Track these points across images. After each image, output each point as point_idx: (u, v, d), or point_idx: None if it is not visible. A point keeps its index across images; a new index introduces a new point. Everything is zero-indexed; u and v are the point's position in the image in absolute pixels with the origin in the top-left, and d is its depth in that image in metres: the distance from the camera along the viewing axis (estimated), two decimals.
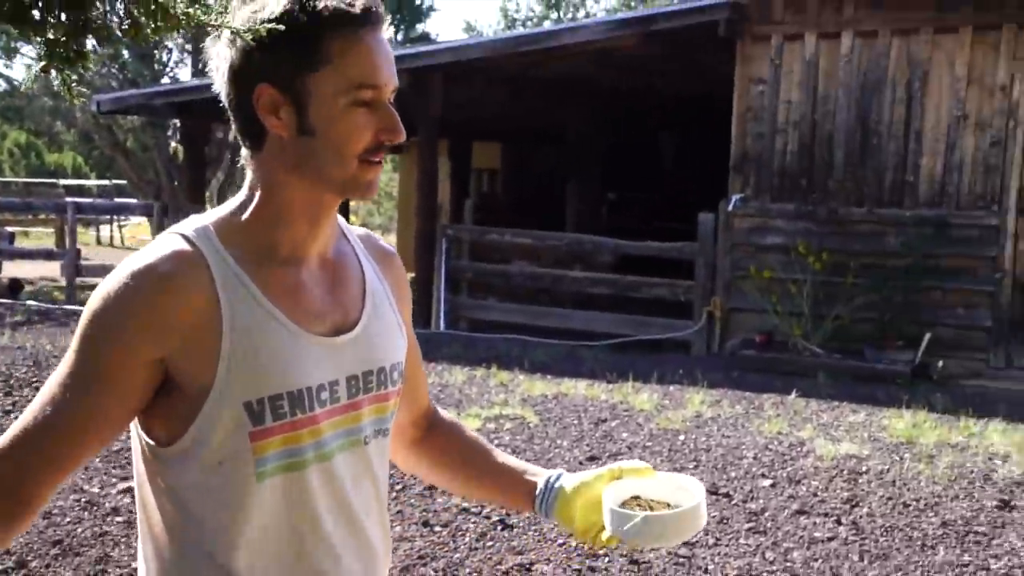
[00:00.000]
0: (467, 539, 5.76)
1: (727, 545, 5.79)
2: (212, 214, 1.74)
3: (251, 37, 1.61)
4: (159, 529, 1.75)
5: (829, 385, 10.14)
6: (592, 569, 5.39)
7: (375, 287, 1.90)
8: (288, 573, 1.75)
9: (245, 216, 1.72)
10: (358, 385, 1.81)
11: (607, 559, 5.51)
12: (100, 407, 1.64)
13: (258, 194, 1.73)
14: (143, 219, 23.91)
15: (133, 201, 21.36)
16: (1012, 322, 11.20)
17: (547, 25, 31.74)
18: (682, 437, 8.03)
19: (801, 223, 11.90)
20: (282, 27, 1.59)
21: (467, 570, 5.37)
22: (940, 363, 10.71)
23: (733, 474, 7.10)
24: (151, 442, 1.72)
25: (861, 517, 6.30)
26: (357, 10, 1.64)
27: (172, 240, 1.68)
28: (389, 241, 24.47)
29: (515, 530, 5.91)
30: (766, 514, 6.30)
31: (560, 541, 5.73)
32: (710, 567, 5.46)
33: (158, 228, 17.39)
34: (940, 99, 11.53)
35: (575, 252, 14.40)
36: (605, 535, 1.93)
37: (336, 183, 1.70)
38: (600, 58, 13.73)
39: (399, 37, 31.39)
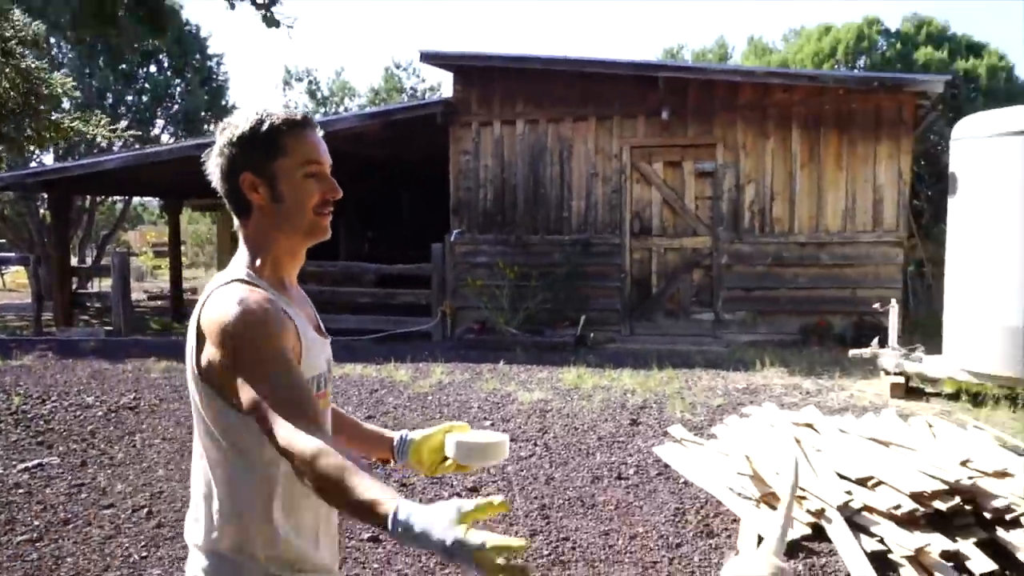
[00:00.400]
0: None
1: None
2: (240, 267, 1.80)
3: (229, 147, 1.78)
4: (240, 478, 1.74)
5: (524, 355, 10.35)
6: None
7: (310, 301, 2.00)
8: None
9: (258, 264, 1.80)
10: (328, 371, 1.91)
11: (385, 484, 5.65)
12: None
13: (258, 249, 1.81)
14: (20, 267, 22.26)
15: (12, 255, 19.83)
16: (631, 306, 11.98)
17: (317, 118, 31.28)
18: (430, 397, 8.19)
19: (499, 247, 12.32)
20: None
21: None
22: (591, 335, 11.23)
23: (465, 419, 7.33)
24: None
25: (549, 439, 6.65)
26: (299, 117, 1.81)
27: (245, 284, 1.75)
28: (212, 275, 23.60)
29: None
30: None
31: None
32: (455, 483, 5.70)
33: (34, 274, 16.26)
34: (581, 163, 12.22)
35: (348, 274, 14.38)
36: (446, 463, 2.04)
37: (303, 231, 1.81)
38: (356, 139, 13.79)
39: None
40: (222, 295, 1.72)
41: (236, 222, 1.85)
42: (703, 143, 11.72)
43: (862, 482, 4.85)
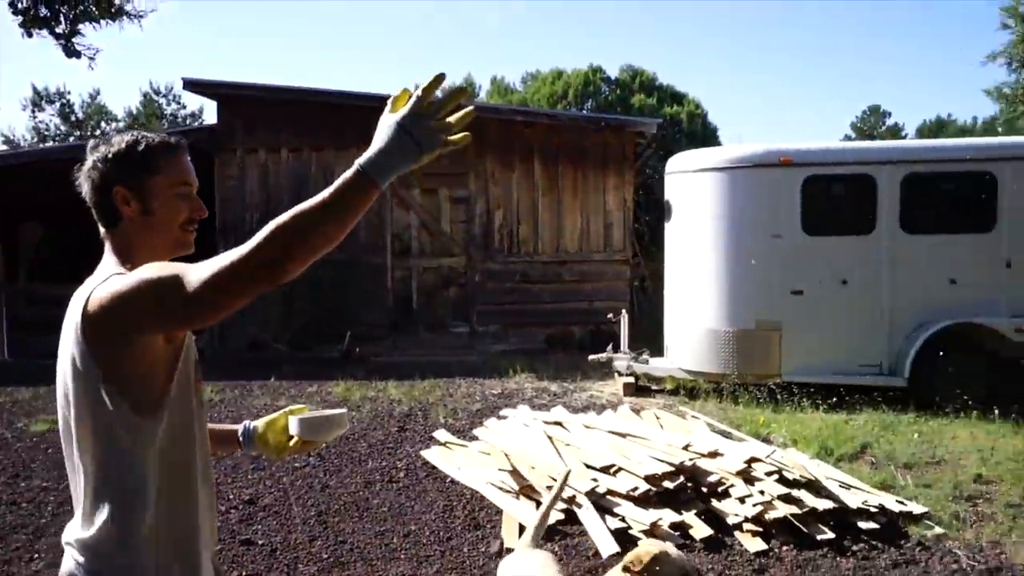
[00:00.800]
0: (49, 508, 5.27)
1: (240, 481, 5.79)
2: (110, 268, 1.71)
3: (103, 162, 1.76)
4: (144, 477, 1.65)
5: (293, 371, 9.96)
6: None
7: None
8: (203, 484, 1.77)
9: (126, 271, 1.67)
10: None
11: None
12: None
13: (121, 255, 1.75)
14: None
15: None
16: (396, 322, 11.99)
17: (71, 140, 28.67)
18: None
19: None
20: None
21: (52, 531, 4.93)
22: (358, 350, 11.05)
23: None
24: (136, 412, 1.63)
25: (323, 450, 6.41)
26: (173, 141, 1.81)
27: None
28: None
29: None
30: (263, 457, 6.32)
31: None
32: (231, 496, 5.44)
33: None
34: None
35: None
36: (292, 442, 2.04)
37: (170, 245, 1.79)
38: None
39: None
40: (106, 285, 1.62)
41: (103, 231, 1.80)
42: (456, 172, 11.98)
43: (606, 470, 5.17)
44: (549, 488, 5.03)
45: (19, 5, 3.88)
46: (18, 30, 3.96)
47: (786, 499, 4.77)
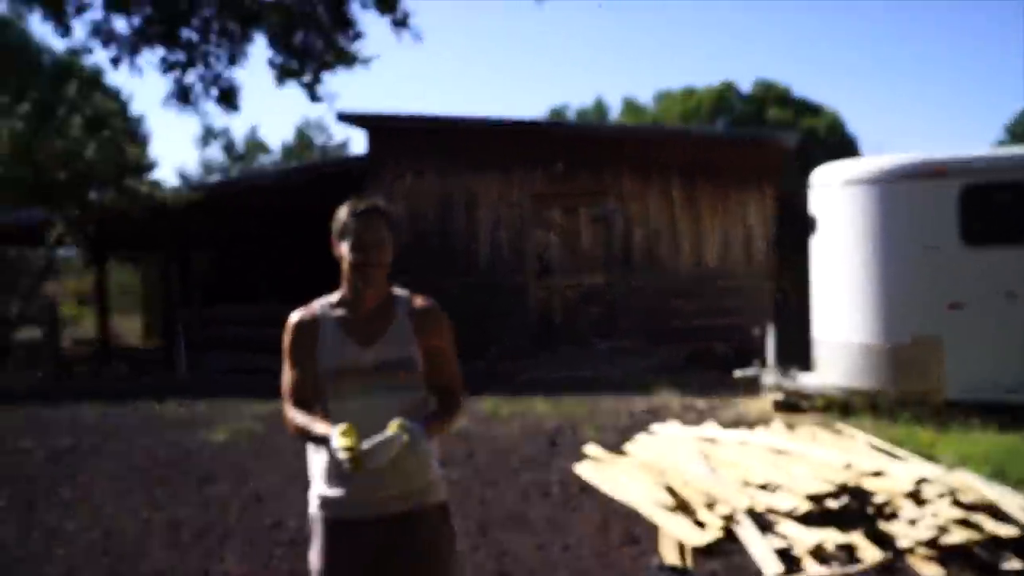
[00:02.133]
0: (234, 512, 5.56)
1: None
2: (331, 296, 2.52)
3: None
4: None
5: None
6: None
7: (397, 325, 2.50)
8: None
9: (339, 292, 2.52)
10: (373, 370, 2.41)
11: None
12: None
13: (344, 286, 2.51)
14: None
15: None
16: (538, 340, 12.05)
17: (234, 174, 30.56)
18: None
19: (413, 289, 12.12)
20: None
21: (239, 532, 5.17)
22: (502, 367, 11.14)
23: None
24: None
25: (477, 463, 6.60)
26: (359, 209, 2.45)
27: (303, 308, 2.50)
28: (134, 323, 22.22)
29: (265, 501, 5.78)
30: None
31: (298, 504, 5.67)
32: None
33: None
34: (486, 211, 12.32)
35: (271, 316, 13.92)
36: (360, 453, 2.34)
37: (348, 279, 2.49)
38: (281, 193, 13.58)
39: None
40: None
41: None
42: (595, 191, 12.00)
43: (764, 487, 4.99)
44: (707, 505, 4.92)
45: (274, 61, 4.33)
46: (273, 81, 4.46)
47: (962, 523, 4.46)
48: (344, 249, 2.44)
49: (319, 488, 2.45)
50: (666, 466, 5.59)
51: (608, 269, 12.00)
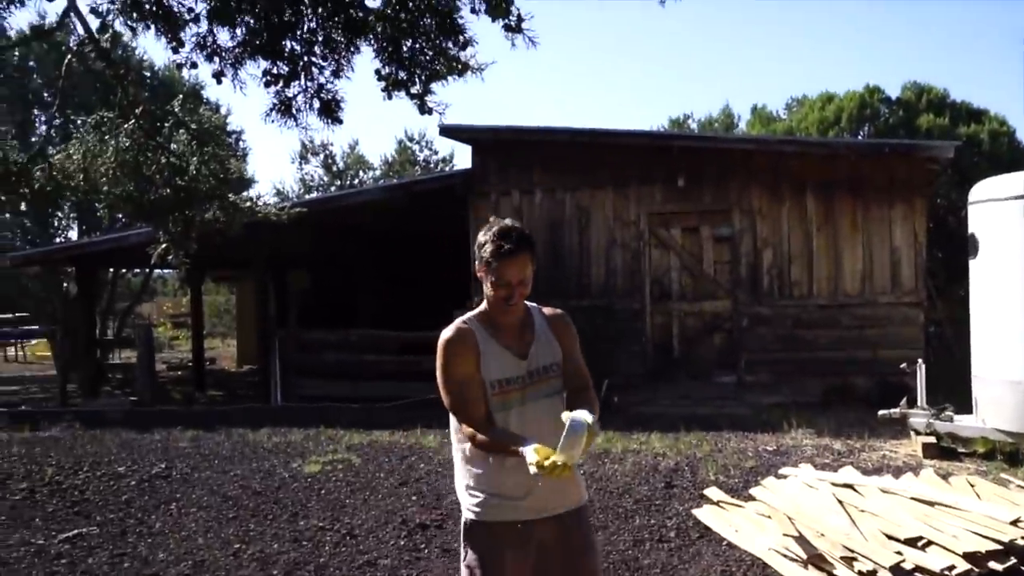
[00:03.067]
0: (326, 548, 5.70)
1: None
2: (477, 310, 2.88)
3: (478, 244, 2.80)
4: (466, 447, 2.83)
5: None
6: (417, 558, 5.47)
7: (540, 334, 2.92)
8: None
9: (480, 312, 2.88)
10: (527, 377, 2.84)
11: (426, 550, 5.58)
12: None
13: (485, 303, 2.85)
14: (41, 339, 22.34)
15: (36, 327, 19.93)
16: (655, 370, 11.91)
17: (333, 190, 31.60)
18: None
19: None
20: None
21: (331, 570, 5.32)
22: (616, 399, 11.05)
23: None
24: None
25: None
26: (505, 249, 2.74)
27: (457, 324, 2.84)
28: (231, 346, 23.18)
29: (359, 538, 5.92)
30: None
31: (392, 542, 5.78)
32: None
33: (59, 347, 16.32)
34: (599, 231, 12.31)
35: (369, 342, 14.27)
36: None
37: (492, 307, 2.85)
38: (380, 209, 13.94)
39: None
40: (447, 328, 2.84)
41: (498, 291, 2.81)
42: (719, 208, 11.81)
43: (912, 543, 4.76)
44: (844, 560, 4.73)
45: (382, 72, 4.51)
46: (380, 94, 4.63)
47: None
48: (488, 282, 2.78)
49: (488, 492, 2.81)
50: (798, 514, 5.41)
51: (733, 294, 11.76)
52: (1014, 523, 4.76)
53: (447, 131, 13.13)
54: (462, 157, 34.29)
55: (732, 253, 11.80)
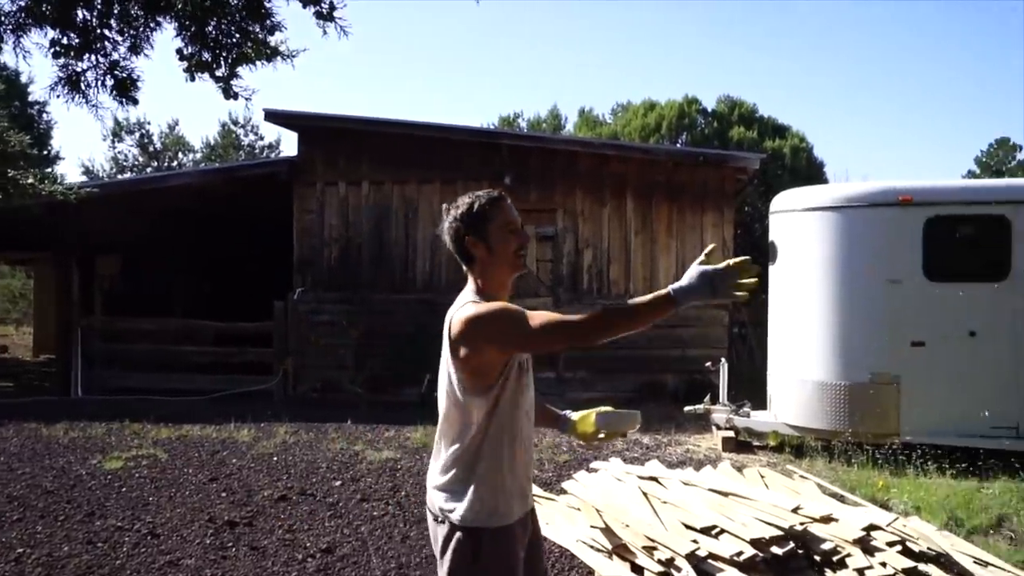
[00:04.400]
0: (124, 549, 5.44)
1: (317, 528, 5.88)
2: (469, 295, 2.63)
3: (455, 221, 2.63)
4: (478, 439, 2.56)
5: (369, 414, 10.15)
6: (223, 557, 5.31)
7: None
8: (522, 443, 2.65)
9: (479, 293, 2.61)
10: (527, 359, 2.68)
11: (233, 548, 5.42)
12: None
13: (479, 284, 2.63)
14: None
15: None
16: None
17: (149, 171, 29.97)
18: (275, 458, 7.92)
19: (344, 306, 12.15)
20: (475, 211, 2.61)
21: (128, 572, 5.06)
22: (435, 393, 11.11)
23: (314, 479, 7.15)
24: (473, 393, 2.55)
25: (402, 498, 6.58)
26: (496, 193, 2.65)
27: (476, 303, 2.55)
28: (27, 334, 21.49)
29: (161, 537, 5.67)
30: (340, 504, 6.45)
31: (197, 541, 5.58)
32: (308, 544, 5.54)
33: None
34: (426, 225, 12.31)
35: (185, 332, 13.68)
36: (597, 431, 2.82)
37: (508, 270, 2.64)
38: (197, 194, 13.37)
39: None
40: (464, 310, 2.54)
41: (465, 270, 2.69)
42: (544, 208, 12.07)
43: (707, 531, 5.06)
44: (645, 549, 4.96)
45: (184, 52, 4.21)
46: (183, 75, 4.31)
47: (911, 573, 4.58)
48: (492, 241, 2.61)
49: (502, 492, 2.59)
50: (605, 507, 5.62)
51: (554, 292, 12.07)
52: (795, 510, 5.14)
53: (273, 116, 12.75)
54: (289, 144, 33.40)
55: (555, 252, 12.11)
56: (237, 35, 4.21)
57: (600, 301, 11.91)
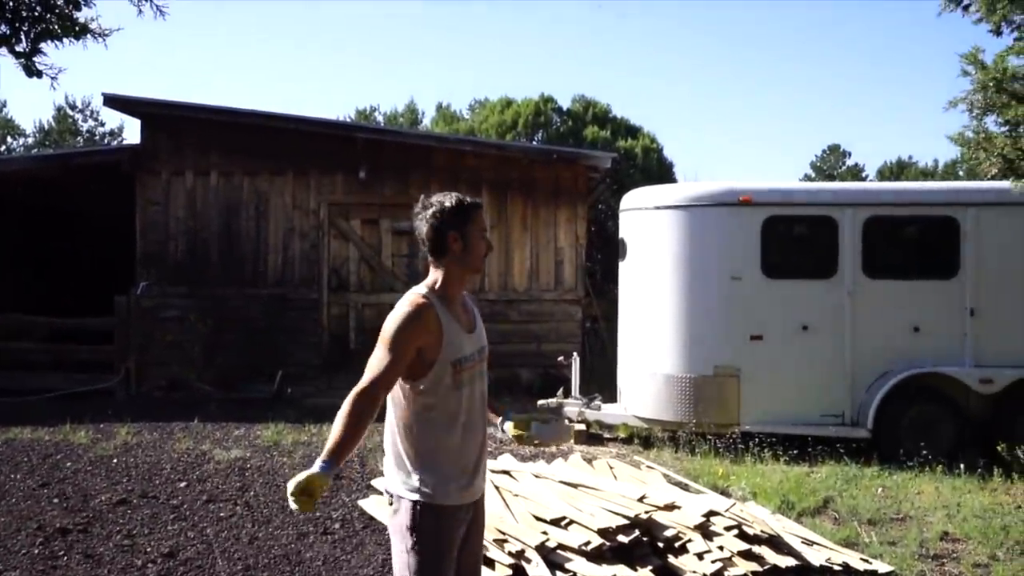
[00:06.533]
0: None
1: (159, 532, 5.65)
2: (424, 285, 2.92)
3: (440, 214, 2.89)
4: (412, 426, 2.85)
5: (219, 412, 9.75)
6: (53, 567, 5.02)
7: (475, 313, 3.06)
8: (460, 432, 2.89)
9: (437, 286, 2.91)
10: (477, 355, 2.94)
11: (65, 557, 5.14)
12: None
13: (441, 276, 2.92)
14: None
15: None
16: (331, 362, 11.83)
17: None
18: (115, 460, 7.53)
19: (191, 301, 11.68)
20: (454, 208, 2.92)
21: None
22: (289, 390, 10.89)
23: (157, 481, 6.86)
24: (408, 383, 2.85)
25: (250, 498, 6.40)
26: (479, 202, 2.99)
27: (420, 296, 2.86)
28: None
29: None
30: (184, 506, 6.22)
31: (24, 551, 5.25)
32: (148, 549, 5.32)
33: None
34: (278, 218, 12.01)
35: (16, 327, 12.74)
36: (532, 437, 3.32)
37: (476, 268, 2.98)
38: (29, 182, 12.55)
39: None
40: (406, 296, 2.88)
41: (430, 257, 2.95)
42: (399, 202, 11.95)
43: (556, 522, 5.16)
44: (496, 542, 5.02)
45: None
46: None
47: (746, 555, 4.83)
48: (464, 243, 2.89)
49: (444, 474, 2.84)
50: None
51: (410, 287, 12.00)
52: (641, 499, 5.32)
53: (113, 102, 12.12)
54: (132, 132, 31.82)
55: (410, 247, 12.04)
56: (38, 8, 3.94)
57: None
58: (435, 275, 2.93)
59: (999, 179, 4.77)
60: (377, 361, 2.77)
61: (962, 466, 7.27)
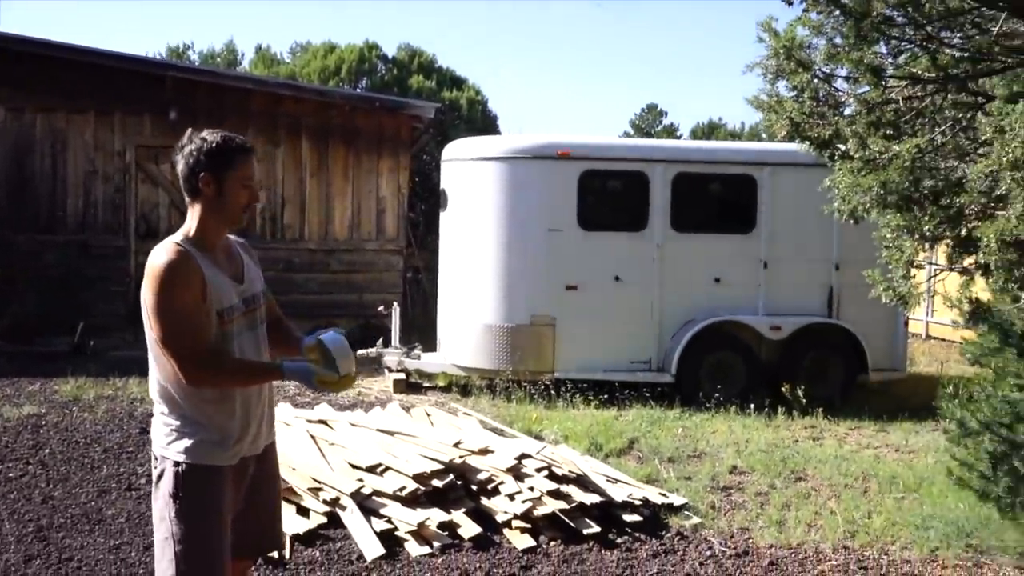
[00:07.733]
0: None
1: None
2: (180, 233, 2.67)
3: (197, 152, 2.61)
4: (179, 381, 2.59)
5: (10, 367, 9.04)
6: None
7: (245, 260, 2.82)
8: None
9: (192, 233, 2.67)
10: (245, 304, 2.74)
11: None
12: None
13: (196, 222, 2.67)
14: None
15: None
16: (137, 311, 11.17)
17: None
18: None
19: None
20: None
21: None
22: (91, 343, 10.30)
23: None
24: None
25: (45, 456, 6.06)
26: (248, 145, 2.72)
27: (174, 246, 2.60)
28: None
29: None
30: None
31: None
32: None
33: None
34: (78, 159, 11.24)
35: None
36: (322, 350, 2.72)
37: (228, 220, 2.70)
38: None
39: None
40: (156, 250, 2.59)
41: (187, 200, 2.69)
42: None
43: (372, 469, 5.20)
44: (311, 491, 5.00)
45: None
46: None
47: (555, 495, 5.04)
48: (225, 187, 2.64)
49: (209, 434, 2.63)
50: None
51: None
52: (455, 445, 5.44)
53: None
54: None
55: None
56: None
57: (274, 246, 11.62)
58: (190, 221, 2.67)
59: (788, 141, 5.14)
60: (171, 337, 2.54)
61: (752, 406, 7.87)
